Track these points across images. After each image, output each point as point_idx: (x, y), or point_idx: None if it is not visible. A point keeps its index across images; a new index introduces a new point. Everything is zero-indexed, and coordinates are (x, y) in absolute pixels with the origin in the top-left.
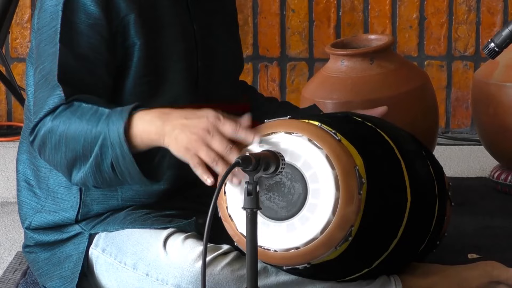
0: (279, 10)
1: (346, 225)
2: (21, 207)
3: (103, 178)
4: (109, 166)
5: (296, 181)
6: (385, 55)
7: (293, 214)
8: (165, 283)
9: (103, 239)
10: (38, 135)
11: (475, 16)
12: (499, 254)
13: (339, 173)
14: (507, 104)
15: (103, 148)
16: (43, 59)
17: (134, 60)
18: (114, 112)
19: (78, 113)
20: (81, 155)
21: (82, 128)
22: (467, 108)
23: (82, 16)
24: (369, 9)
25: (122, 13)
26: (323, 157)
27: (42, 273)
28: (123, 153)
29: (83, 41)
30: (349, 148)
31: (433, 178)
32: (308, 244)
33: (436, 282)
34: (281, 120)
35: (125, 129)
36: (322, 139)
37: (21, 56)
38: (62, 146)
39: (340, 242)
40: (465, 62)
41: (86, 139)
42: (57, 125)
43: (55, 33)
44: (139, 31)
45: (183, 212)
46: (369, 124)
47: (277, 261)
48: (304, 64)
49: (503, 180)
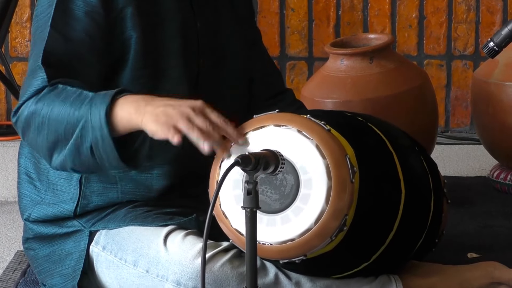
0: (278, 9)
1: (340, 214)
2: (21, 199)
3: (81, 161)
4: (88, 148)
5: (287, 172)
6: (385, 54)
7: (286, 206)
8: (165, 280)
9: (104, 237)
10: (21, 116)
11: (474, 15)
12: (499, 253)
13: (330, 162)
14: (507, 103)
15: (83, 130)
16: (36, 44)
17: (131, 53)
18: (97, 95)
19: (62, 96)
20: (62, 138)
21: (65, 111)
22: (466, 107)
23: (80, 3)
24: (368, 8)
25: (120, 5)
26: (313, 147)
27: (42, 270)
28: (103, 136)
29: (78, 26)
30: (339, 138)
31: (427, 172)
32: (303, 235)
33: (437, 282)
34: (269, 114)
35: (107, 112)
36: (311, 129)
37: (20, 55)
38: (44, 128)
39: (335, 231)
40: (464, 61)
41: (68, 122)
42: (41, 107)
43: (49, 18)
44: (136, 24)
45: (183, 209)
46: (359, 118)
47: (273, 255)
48: (303, 63)
49: (502, 179)
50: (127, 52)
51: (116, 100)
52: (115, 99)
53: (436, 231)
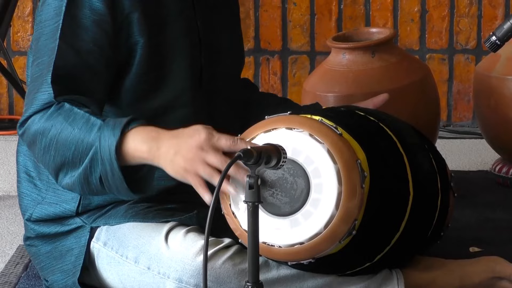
0: (280, 3)
1: (350, 219)
2: (21, 199)
3: (90, 188)
4: (98, 179)
5: (298, 176)
6: (387, 48)
7: (296, 209)
8: (166, 277)
9: (105, 233)
10: (28, 132)
11: (476, 9)
12: (500, 247)
13: (341, 167)
14: (509, 97)
15: (93, 161)
16: (42, 53)
17: (137, 58)
18: (106, 125)
19: (70, 119)
20: (70, 162)
21: (73, 136)
22: (468, 101)
23: (87, 12)
24: (370, 2)
25: (126, 10)
26: (324, 151)
27: (44, 267)
28: (113, 170)
29: (86, 36)
30: (351, 142)
31: (436, 171)
32: (312, 239)
33: (438, 277)
34: (281, 116)
35: (117, 147)
36: (323, 133)
37: (22, 50)
38: (51, 150)
39: (344, 236)
40: (466, 55)
41: (77, 148)
42: (49, 128)
43: (57, 28)
44: (143, 29)
45: (184, 205)
46: (371, 118)
47: (281, 257)
48: (305, 57)
49: (504, 174)
50: (132, 57)
51: (125, 134)
52: (124, 131)
53: (442, 225)
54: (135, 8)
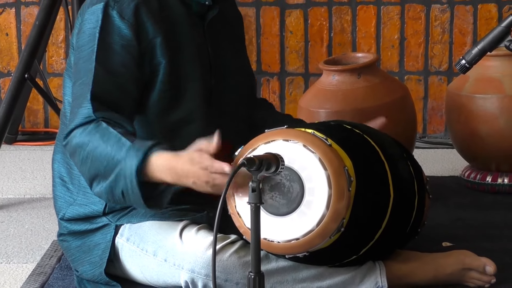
0: (279, 32)
1: (339, 217)
2: (56, 201)
3: (114, 199)
4: (120, 193)
5: (294, 181)
6: (371, 70)
7: (292, 210)
8: (181, 268)
9: (128, 230)
10: (71, 143)
11: (448, 37)
12: (470, 243)
13: (331, 173)
14: (476, 113)
15: (118, 177)
16: (81, 74)
17: (159, 77)
18: (133, 147)
19: (106, 137)
20: (102, 174)
21: (106, 152)
22: (441, 116)
23: (116, 38)
24: (357, 31)
25: (150, 36)
26: (316, 160)
27: (74, 259)
28: (133, 188)
29: (116, 59)
30: (339, 151)
31: (413, 176)
32: (306, 235)
33: (415, 268)
34: (279, 130)
35: (138, 168)
36: (315, 144)
37: (56, 72)
38: (88, 162)
39: (334, 232)
40: (439, 77)
41: (108, 163)
42: (87, 143)
43: (92, 52)
44: (164, 52)
45: (196, 206)
46: (357, 130)
47: (280, 251)
48: (300, 78)
49: (472, 179)
50: (156, 76)
51: (147, 156)
52: (146, 155)
53: (419, 223)
54: (158, 34)
